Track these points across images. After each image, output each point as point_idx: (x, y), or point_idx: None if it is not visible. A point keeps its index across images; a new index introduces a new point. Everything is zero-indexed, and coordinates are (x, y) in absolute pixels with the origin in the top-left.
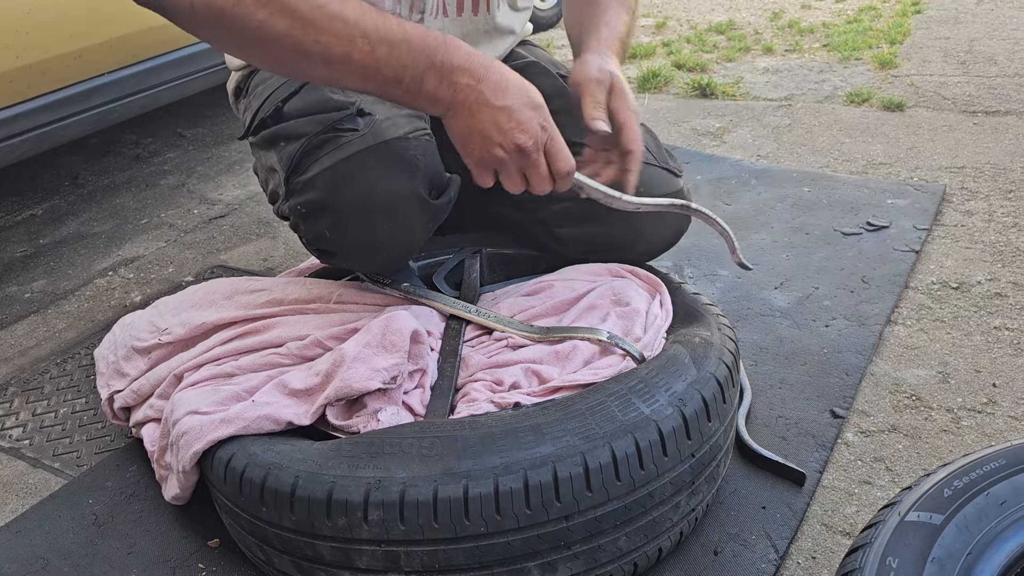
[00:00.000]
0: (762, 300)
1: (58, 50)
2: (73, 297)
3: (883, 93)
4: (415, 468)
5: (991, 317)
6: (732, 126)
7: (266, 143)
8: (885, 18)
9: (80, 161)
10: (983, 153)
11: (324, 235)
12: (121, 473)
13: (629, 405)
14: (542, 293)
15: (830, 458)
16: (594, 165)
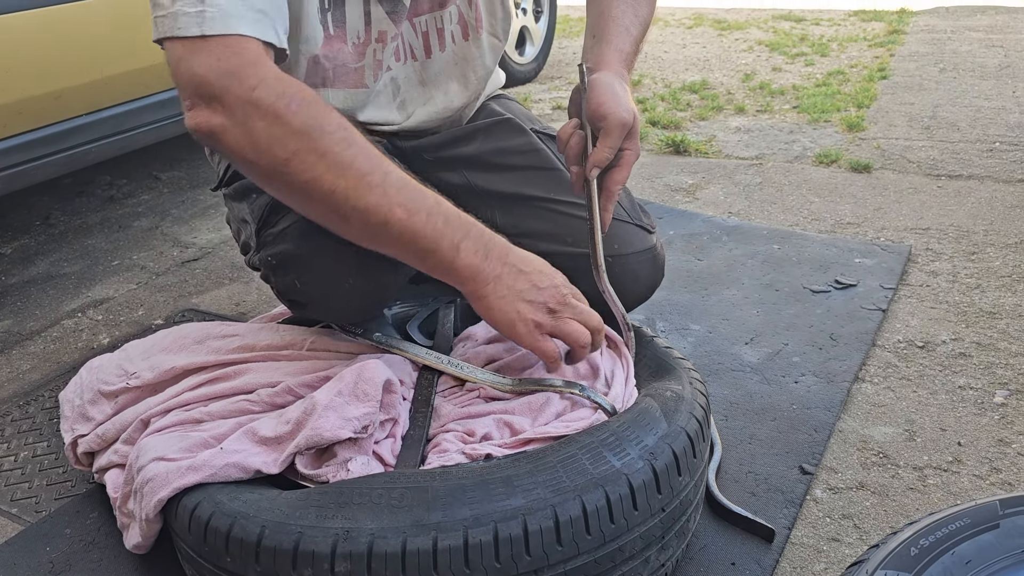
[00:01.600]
0: (733, 355)
1: (36, 90)
2: (39, 338)
3: (851, 155)
4: (384, 519)
5: (956, 376)
6: (705, 183)
7: (238, 195)
8: (853, 83)
9: (52, 201)
10: (947, 216)
11: (294, 286)
12: (81, 520)
13: (600, 458)
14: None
15: (799, 514)
16: None
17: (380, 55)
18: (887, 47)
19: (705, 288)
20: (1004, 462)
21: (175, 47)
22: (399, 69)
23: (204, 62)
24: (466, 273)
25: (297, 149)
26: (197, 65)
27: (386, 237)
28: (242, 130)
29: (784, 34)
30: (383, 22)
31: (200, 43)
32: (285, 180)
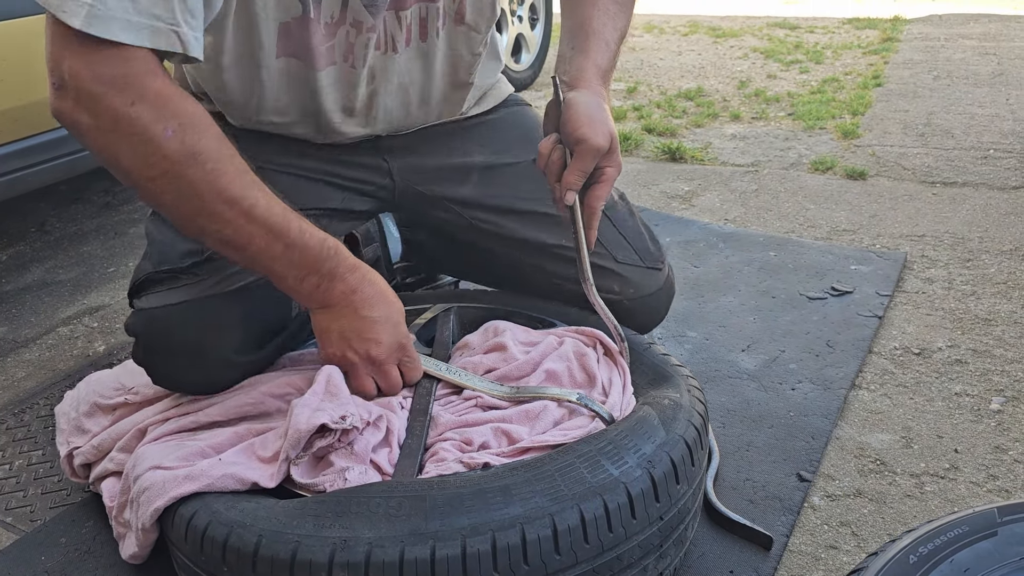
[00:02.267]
0: (730, 362)
1: (32, 97)
2: (34, 345)
3: (846, 162)
4: (382, 528)
5: (952, 383)
6: (700, 190)
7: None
8: (847, 90)
9: (48, 208)
10: (942, 223)
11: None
12: (76, 529)
13: (598, 467)
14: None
15: (797, 522)
16: None
17: (354, 39)
18: (881, 54)
19: (702, 295)
20: (1001, 469)
21: (57, 26)
22: (377, 59)
23: (84, 60)
24: (305, 298)
25: (166, 171)
26: (76, 60)
27: (240, 257)
28: (110, 138)
29: (779, 41)
30: (360, 12)
31: (83, 37)
32: (147, 192)
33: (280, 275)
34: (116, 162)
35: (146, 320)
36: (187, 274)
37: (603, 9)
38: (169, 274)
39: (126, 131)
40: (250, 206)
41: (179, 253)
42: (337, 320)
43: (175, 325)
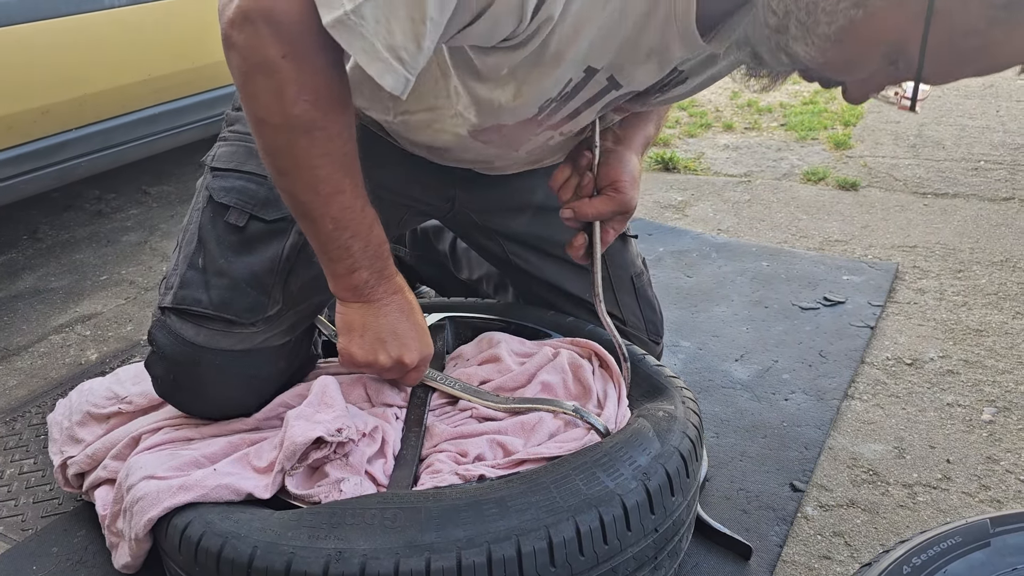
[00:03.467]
0: (723, 372)
1: (24, 105)
2: (26, 353)
3: (838, 173)
4: (377, 540)
5: (944, 394)
6: (694, 200)
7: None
8: (839, 101)
9: (40, 215)
10: (933, 233)
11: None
12: (68, 539)
13: (593, 479)
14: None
15: (790, 532)
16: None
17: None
18: None
19: (695, 305)
20: (993, 479)
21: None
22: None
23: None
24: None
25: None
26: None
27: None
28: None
29: None
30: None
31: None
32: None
33: (334, 259)
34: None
35: (191, 355)
36: (245, 324)
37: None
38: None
39: (266, 73)
40: (336, 190)
41: (244, 305)
42: (375, 318)
43: (221, 370)
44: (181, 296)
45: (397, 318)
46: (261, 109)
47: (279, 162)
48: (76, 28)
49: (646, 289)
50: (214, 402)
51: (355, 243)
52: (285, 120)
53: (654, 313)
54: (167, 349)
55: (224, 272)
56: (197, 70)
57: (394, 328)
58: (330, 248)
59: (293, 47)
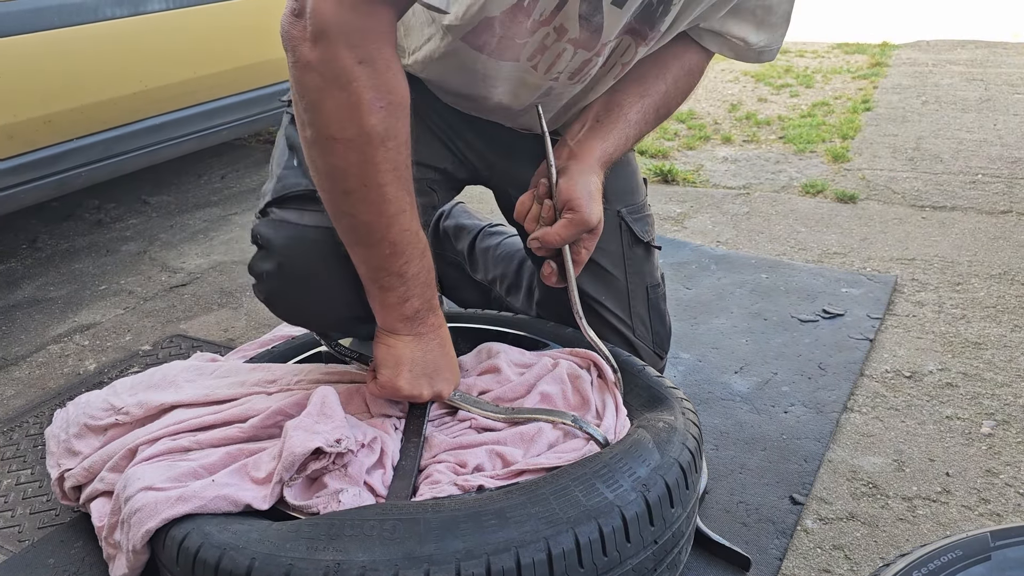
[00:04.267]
0: (723, 384)
1: (27, 114)
2: (24, 363)
3: (836, 185)
4: (376, 551)
5: (943, 407)
6: (693, 212)
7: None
8: (837, 114)
9: (40, 224)
10: (932, 246)
11: (263, 275)
12: (65, 550)
13: (593, 490)
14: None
15: (790, 545)
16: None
17: (549, 43)
18: (870, 79)
19: (694, 317)
20: (992, 492)
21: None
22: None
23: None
24: (396, 318)
25: (351, 139)
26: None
27: (362, 252)
28: (320, 84)
29: (769, 66)
30: (571, 20)
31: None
32: (320, 148)
33: (387, 288)
34: (316, 109)
35: (295, 235)
36: None
37: (644, 110)
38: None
39: (343, 85)
40: (400, 209)
41: None
42: (422, 353)
43: (327, 249)
44: (281, 186)
45: (439, 353)
46: (334, 126)
47: (346, 182)
48: (77, 39)
49: (659, 302)
50: (324, 291)
51: (409, 269)
52: (360, 132)
53: (663, 327)
54: (273, 238)
55: None
56: (197, 81)
57: (437, 363)
58: (383, 276)
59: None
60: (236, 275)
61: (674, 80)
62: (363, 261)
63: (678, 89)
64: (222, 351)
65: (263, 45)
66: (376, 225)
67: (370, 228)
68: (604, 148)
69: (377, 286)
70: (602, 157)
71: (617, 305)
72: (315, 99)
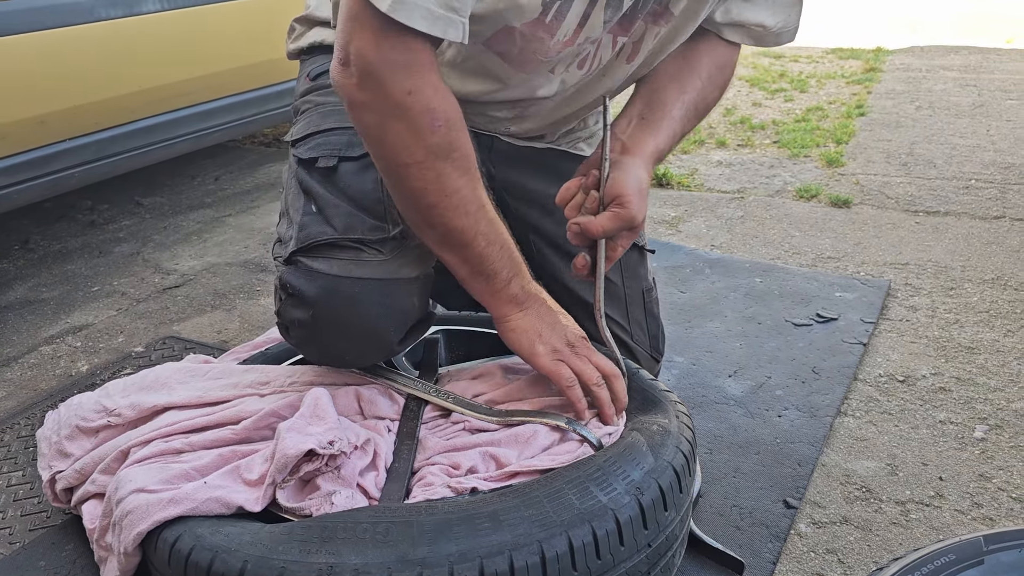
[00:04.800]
0: (716, 388)
1: (20, 115)
2: (16, 364)
3: (830, 190)
4: (369, 554)
5: (936, 411)
6: (687, 216)
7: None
8: (831, 119)
9: (32, 225)
10: (925, 251)
11: (295, 323)
12: (56, 552)
13: (586, 493)
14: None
15: (784, 549)
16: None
17: (569, 57)
18: (864, 84)
19: (688, 320)
20: (985, 497)
21: (355, 5)
22: (573, 74)
23: (374, 42)
24: (506, 300)
25: (421, 161)
26: (366, 41)
27: (459, 253)
28: (378, 120)
29: (764, 70)
30: (596, 29)
31: (380, 20)
32: (395, 176)
33: (491, 275)
34: (380, 143)
35: (328, 287)
36: (372, 249)
37: (685, 107)
38: (355, 243)
39: (396, 118)
40: (479, 207)
41: (368, 225)
42: (537, 319)
43: (360, 300)
44: (305, 235)
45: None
46: (403, 153)
47: (426, 198)
48: (71, 39)
49: (653, 306)
50: (357, 335)
51: (504, 253)
52: (427, 152)
53: (658, 331)
54: (303, 287)
55: (337, 204)
56: (191, 82)
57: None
58: (486, 266)
59: (411, 80)
60: (229, 277)
61: (708, 76)
62: (462, 262)
63: (713, 84)
64: (215, 353)
65: (258, 47)
66: (466, 225)
67: (461, 230)
68: (656, 144)
69: (483, 278)
70: (655, 153)
71: (615, 310)
72: (377, 135)
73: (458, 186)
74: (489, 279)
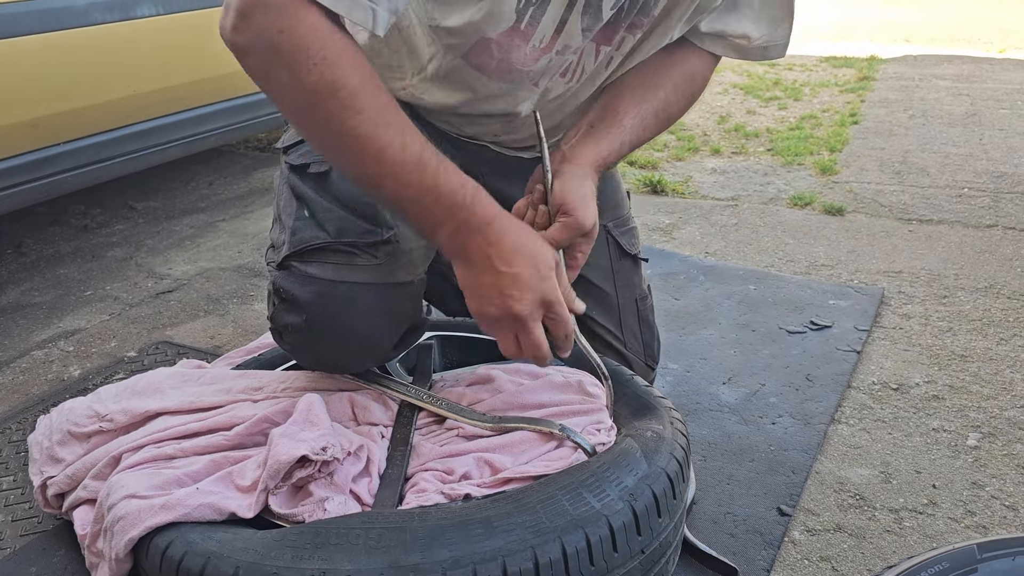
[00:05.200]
0: (711, 395)
1: (12, 118)
2: (8, 369)
3: (824, 198)
4: (361, 560)
5: (929, 419)
6: (681, 223)
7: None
8: (825, 127)
9: (24, 229)
10: (918, 259)
11: (288, 328)
12: (47, 558)
13: (580, 499)
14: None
15: (777, 556)
16: None
17: (550, 65)
18: (858, 93)
19: (682, 327)
20: (978, 505)
21: None
22: (557, 84)
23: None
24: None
25: (305, 102)
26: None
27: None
28: (257, 63)
29: (758, 78)
30: (574, 37)
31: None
32: (292, 119)
33: (414, 219)
34: (266, 87)
35: (322, 291)
36: (366, 253)
37: (641, 116)
38: (349, 247)
39: (273, 57)
40: (381, 147)
41: (360, 229)
42: (477, 276)
43: (354, 304)
44: (298, 239)
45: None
46: (288, 94)
47: (325, 139)
48: (65, 42)
49: (648, 314)
50: (352, 338)
51: (425, 197)
52: (308, 92)
53: (653, 339)
54: (297, 292)
55: (330, 208)
56: (185, 86)
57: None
58: (406, 209)
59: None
60: (223, 282)
61: (674, 86)
62: (384, 203)
63: (679, 94)
64: (208, 358)
65: None
66: (369, 168)
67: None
68: (598, 152)
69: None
70: (596, 161)
71: (608, 319)
72: (261, 80)
73: (351, 125)
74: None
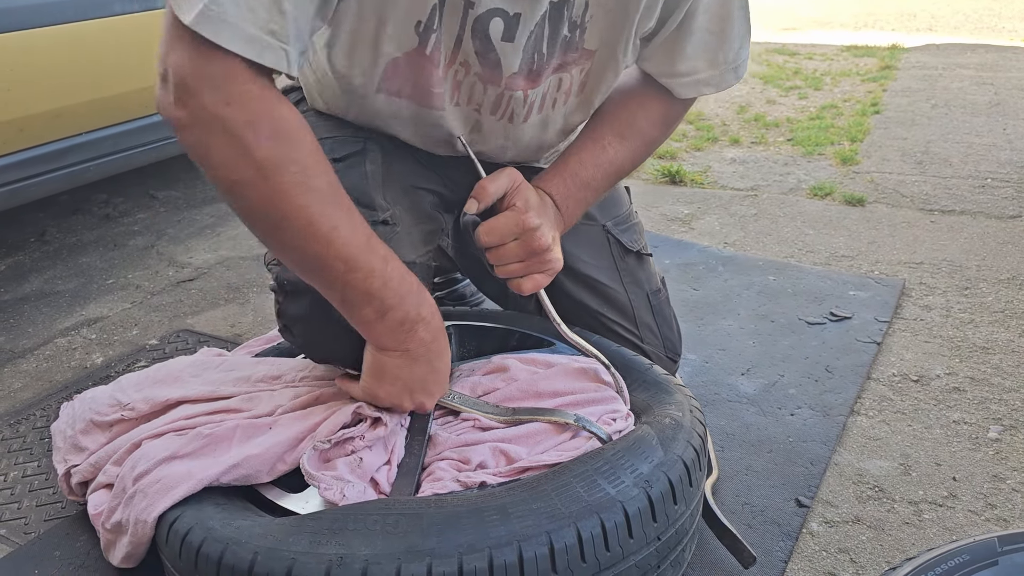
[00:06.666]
0: (729, 386)
1: (37, 108)
2: (32, 356)
3: (845, 188)
4: (378, 545)
5: (950, 411)
6: (700, 213)
7: None
8: (846, 116)
9: (48, 218)
10: (940, 250)
11: (295, 320)
12: (71, 542)
13: (594, 486)
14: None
15: (795, 548)
16: None
17: (461, 78)
18: (879, 82)
19: (701, 318)
20: (999, 498)
21: (170, 17)
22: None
23: (187, 54)
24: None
25: (250, 178)
26: (180, 54)
27: (319, 279)
28: (202, 136)
29: (778, 67)
30: (471, 56)
31: (192, 32)
32: (230, 197)
33: (356, 306)
34: (206, 161)
35: None
36: None
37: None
38: None
39: (217, 132)
40: (331, 228)
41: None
42: (409, 367)
43: None
44: None
45: (427, 369)
46: (232, 171)
47: (270, 218)
48: (88, 32)
49: (663, 307)
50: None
51: (373, 282)
52: (257, 167)
53: (671, 330)
54: (299, 280)
55: None
56: None
57: (424, 378)
58: (349, 295)
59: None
60: (243, 271)
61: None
62: (326, 291)
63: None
64: (229, 346)
65: None
66: (316, 248)
67: (312, 253)
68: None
69: (349, 308)
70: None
71: (622, 317)
72: (202, 154)
73: (301, 204)
74: (358, 309)
